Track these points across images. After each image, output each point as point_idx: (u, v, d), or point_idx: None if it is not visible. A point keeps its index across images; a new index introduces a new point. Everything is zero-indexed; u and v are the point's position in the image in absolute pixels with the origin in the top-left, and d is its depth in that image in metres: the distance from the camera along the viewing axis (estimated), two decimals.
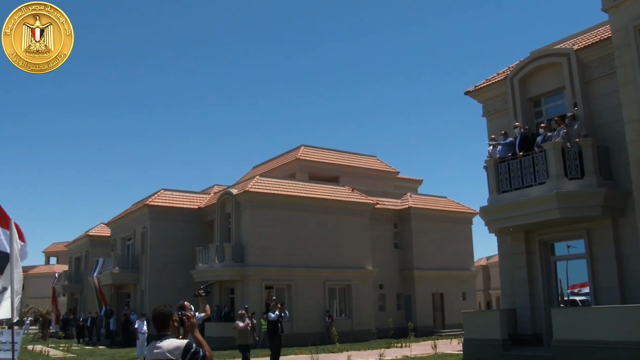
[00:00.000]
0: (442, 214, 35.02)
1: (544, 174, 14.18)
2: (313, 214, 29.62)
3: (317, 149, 36.51)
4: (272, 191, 28.97)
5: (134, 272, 32.65)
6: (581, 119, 14.62)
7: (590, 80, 14.80)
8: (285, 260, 28.44)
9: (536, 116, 16.46)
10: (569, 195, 13.67)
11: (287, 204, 29.00)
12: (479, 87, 17.78)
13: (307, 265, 29.02)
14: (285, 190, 29.56)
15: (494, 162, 15.49)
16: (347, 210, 30.76)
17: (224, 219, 29.99)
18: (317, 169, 34.79)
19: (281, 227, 28.59)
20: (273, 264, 28.14)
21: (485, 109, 17.78)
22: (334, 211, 30.28)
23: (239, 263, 27.88)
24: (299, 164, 34.44)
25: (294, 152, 36.12)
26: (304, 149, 35.82)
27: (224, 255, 27.93)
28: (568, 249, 15.49)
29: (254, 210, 28.32)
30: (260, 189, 28.78)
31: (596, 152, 13.98)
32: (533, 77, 16.20)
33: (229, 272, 27.79)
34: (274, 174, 33.53)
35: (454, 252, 34.92)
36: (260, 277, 27.84)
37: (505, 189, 15.09)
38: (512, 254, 16.22)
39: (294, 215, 29.06)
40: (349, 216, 30.76)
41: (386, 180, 37.68)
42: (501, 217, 15.14)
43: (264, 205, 28.46)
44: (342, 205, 30.68)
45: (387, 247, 33.65)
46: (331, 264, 29.72)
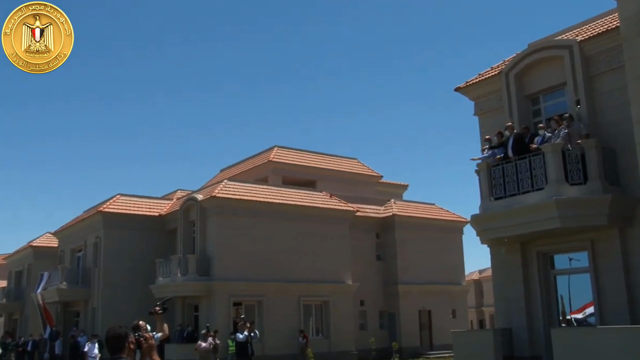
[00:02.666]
0: (430, 223, 35.15)
1: (543, 179, 14.10)
2: (287, 223, 29.63)
3: (291, 150, 36.61)
4: (241, 197, 28.95)
5: (85, 287, 32.26)
6: (584, 118, 14.56)
7: (594, 75, 14.73)
8: (256, 274, 28.36)
9: (534, 115, 16.38)
10: (570, 202, 13.59)
11: (258, 211, 28.97)
12: (471, 82, 17.70)
13: (280, 279, 28.96)
14: (256, 195, 29.55)
15: (486, 165, 15.41)
16: (324, 218, 30.81)
17: (188, 227, 29.93)
18: (291, 173, 34.86)
19: (251, 236, 28.55)
20: (242, 277, 28.03)
21: (478, 107, 17.71)
22: (310, 219, 30.33)
23: (204, 277, 27.78)
24: (271, 167, 34.47)
25: (266, 153, 36.16)
26: (278, 150, 35.89)
27: (188, 268, 27.82)
28: (570, 262, 15.41)
29: (222, 218, 28.25)
30: (228, 194, 28.73)
31: (601, 155, 13.90)
32: (531, 72, 16.13)
33: (193, 287, 27.70)
34: (244, 178, 33.49)
35: (443, 265, 35.01)
36: (227, 293, 27.74)
37: (499, 195, 15.01)
38: (507, 267, 16.12)
39: (266, 224, 29.04)
40: (326, 225, 30.80)
41: (368, 185, 37.80)
42: (494, 227, 15.08)
43: (233, 213, 28.40)
44: (320, 213, 30.74)
45: (369, 259, 33.65)
46: (307, 277, 29.70)
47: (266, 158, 35.10)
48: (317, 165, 36.24)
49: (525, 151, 14.77)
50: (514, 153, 14.98)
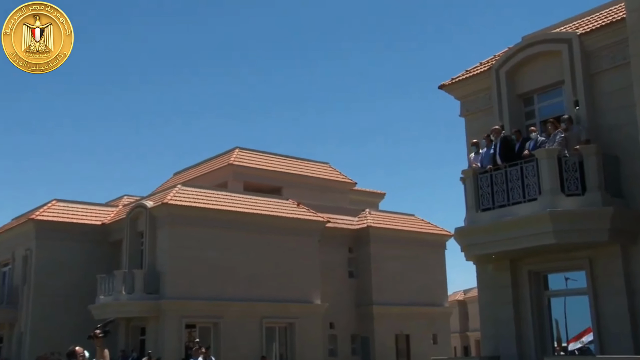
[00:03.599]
0: (409, 236, 35.36)
1: (536, 189, 14.09)
2: (249, 234, 29.62)
3: (255, 152, 36.76)
4: (197, 204, 28.91)
5: (11, 308, 31.88)
6: (583, 120, 14.59)
7: (596, 73, 14.76)
8: (213, 292, 28.25)
9: (527, 117, 16.40)
10: (566, 215, 13.57)
11: (216, 220, 28.92)
12: (457, 79, 17.73)
13: (240, 298, 28.86)
14: (214, 203, 29.53)
15: (472, 172, 15.42)
16: (291, 230, 30.85)
17: (135, 238, 29.85)
18: (254, 178, 34.89)
19: (208, 249, 28.45)
20: (196, 296, 27.88)
21: (464, 106, 17.73)
22: (275, 230, 30.36)
23: (152, 295, 27.65)
24: (232, 171, 34.51)
25: (226, 155, 36.17)
26: (239, 152, 35.97)
27: (134, 285, 27.64)
28: (566, 283, 15.40)
29: (174, 228, 28.19)
30: (182, 201, 28.65)
31: (602, 162, 13.88)
32: (524, 69, 16.13)
33: (140, 307, 27.49)
34: (201, 183, 33.48)
35: (424, 284, 35.17)
36: (179, 313, 27.57)
37: (487, 206, 15.00)
38: (495, 287, 16.09)
39: (225, 235, 28.99)
40: (293, 237, 30.84)
41: (340, 192, 38.00)
42: (481, 241, 15.06)
43: (187, 222, 28.31)
44: (286, 223, 30.78)
45: (340, 276, 33.67)
46: (270, 296, 29.64)
47: (226, 161, 35.06)
48: (284, 170, 36.35)
49: (514, 157, 14.79)
50: (502, 159, 14.98)
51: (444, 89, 18.01)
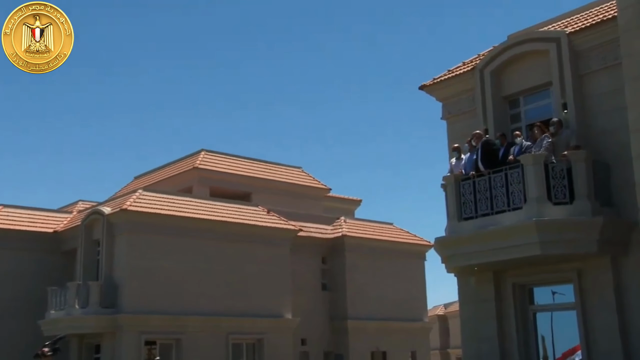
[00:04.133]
0: (387, 246, 35.39)
1: (521, 197, 14.17)
2: (215, 243, 29.47)
3: (222, 155, 36.62)
4: (159, 210, 28.72)
5: None
6: (572, 125, 14.69)
7: (585, 74, 14.90)
8: (175, 306, 28.03)
9: (512, 120, 16.53)
10: (553, 225, 13.65)
11: (179, 228, 28.78)
12: (438, 80, 17.85)
13: (205, 313, 28.66)
14: (177, 209, 29.39)
15: (454, 179, 15.49)
16: (260, 238, 30.78)
17: (91, 247, 29.56)
18: (221, 183, 34.76)
19: (171, 259, 28.28)
20: (157, 310, 27.63)
21: (446, 108, 17.84)
22: (243, 239, 30.25)
23: (109, 309, 27.31)
24: (197, 175, 34.30)
25: (191, 158, 35.98)
26: (205, 155, 35.80)
27: (88, 299, 27.24)
28: (553, 297, 15.48)
29: (134, 236, 27.96)
30: (143, 208, 28.41)
31: (591, 170, 14.00)
32: (510, 69, 16.26)
33: (95, 322, 27.14)
34: (164, 188, 33.31)
35: (402, 297, 35.24)
36: (138, 329, 27.25)
37: (469, 215, 15.09)
38: (478, 301, 16.17)
39: (189, 244, 28.83)
40: (263, 246, 30.75)
41: (314, 199, 38.03)
42: (463, 252, 15.12)
43: (148, 230, 28.12)
44: (255, 232, 30.69)
45: (313, 288, 33.62)
46: (237, 310, 29.48)
47: (191, 164, 34.84)
48: (253, 175, 36.22)
49: (498, 163, 14.88)
50: (484, 165, 15.07)
51: (424, 90, 18.09)
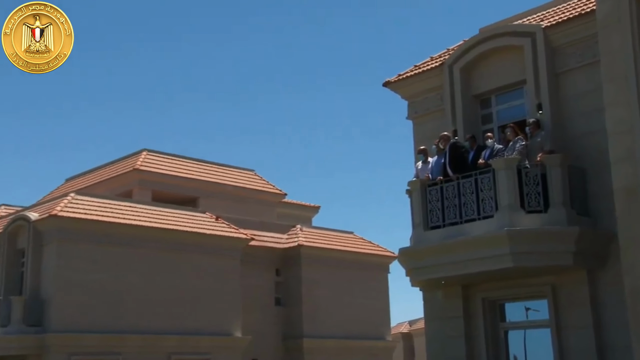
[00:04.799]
0: (347, 257, 35.62)
1: (492, 204, 14.24)
2: (157, 253, 29.40)
3: (166, 156, 36.63)
4: (94, 216, 28.52)
5: None
6: (547, 127, 14.79)
7: (562, 73, 15.00)
8: (110, 323, 27.82)
9: (484, 121, 16.62)
10: (526, 235, 13.74)
11: (117, 236, 28.65)
12: (404, 76, 17.83)
13: (144, 330, 28.53)
14: (115, 215, 29.20)
15: (420, 184, 15.49)
16: (208, 248, 30.75)
17: (14, 258, 29.33)
18: (165, 186, 34.71)
19: (106, 271, 28.08)
20: (90, 328, 27.37)
21: (412, 107, 17.89)
22: (188, 249, 30.23)
23: (34, 327, 27.01)
24: (138, 178, 34.19)
25: (131, 159, 35.82)
26: (147, 155, 35.70)
27: (10, 316, 26.93)
28: (526, 313, 15.55)
29: (65, 245, 27.70)
30: (75, 213, 28.11)
31: (567, 175, 14.09)
32: (481, 66, 16.34)
33: (18, 343, 26.73)
34: (100, 192, 33.08)
35: (363, 314, 35.38)
36: (68, 350, 26.98)
37: (436, 223, 15.11)
38: (445, 317, 16.19)
39: (128, 254, 28.71)
40: (210, 256, 30.70)
41: (267, 205, 38.20)
42: (429, 264, 15.11)
43: (81, 238, 27.94)
44: (201, 241, 30.65)
45: (265, 303, 33.64)
46: (180, 327, 29.39)
47: (131, 165, 34.66)
48: (200, 178, 36.21)
49: (468, 167, 14.95)
50: (452, 170, 15.13)
51: (388, 87, 18.08)
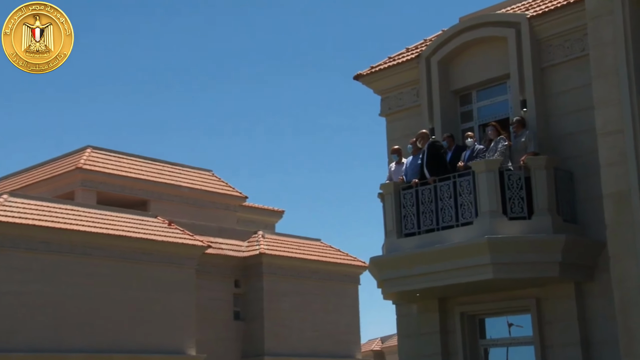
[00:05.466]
0: (313, 267, 35.66)
1: (472, 210, 14.33)
2: (101, 262, 29.07)
3: (113, 154, 36.25)
4: (30, 221, 27.99)
5: None
6: (532, 126, 14.86)
7: (548, 67, 15.11)
8: (47, 341, 27.36)
9: (463, 119, 16.73)
10: (508, 243, 13.83)
11: (56, 243, 28.23)
12: (377, 69, 17.91)
13: (86, 349, 28.16)
14: (54, 220, 28.78)
15: (394, 187, 15.53)
16: (159, 257, 30.57)
17: None
18: (111, 187, 34.47)
19: (40, 282, 27.59)
20: (24, 347, 26.87)
21: (386, 103, 17.97)
22: (137, 257, 29.99)
23: None
24: (80, 178, 33.77)
25: (73, 157, 35.43)
26: (92, 153, 35.29)
27: None
28: (508, 329, 15.64)
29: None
30: (8, 217, 27.68)
31: (553, 179, 14.19)
32: (461, 58, 16.45)
33: None
34: (38, 193, 32.67)
35: (331, 329, 35.48)
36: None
37: (411, 230, 15.18)
38: (420, 334, 16.27)
39: (67, 264, 28.29)
40: (162, 266, 30.56)
41: (226, 209, 38.10)
42: (402, 275, 15.13)
43: (14, 245, 27.48)
44: (152, 248, 30.42)
45: (223, 318, 33.55)
46: (127, 346, 29.11)
47: (73, 164, 34.17)
48: (151, 178, 35.91)
49: (446, 169, 15.04)
50: (429, 172, 15.18)
51: (360, 81, 18.12)
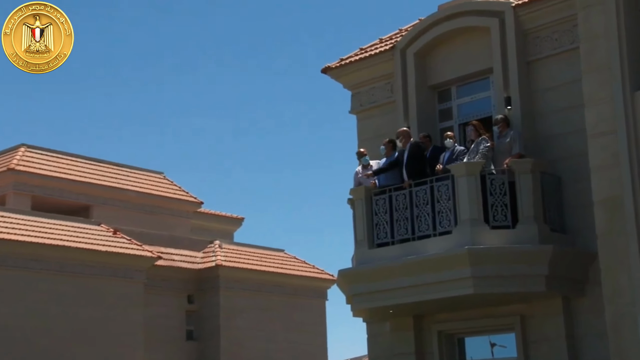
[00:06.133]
0: (276, 281, 35.65)
1: (450, 218, 14.40)
2: (37, 275, 28.89)
3: (50, 154, 35.99)
4: None
5: None
6: (517, 126, 14.93)
7: (536, 61, 15.20)
8: None
9: (442, 117, 16.83)
10: (490, 255, 13.88)
11: None
12: (347, 61, 17.94)
13: None
14: None
15: (365, 192, 15.53)
16: (102, 269, 30.45)
17: None
18: (48, 191, 34.25)
19: None
20: None
21: (356, 99, 18.05)
22: (77, 270, 29.86)
23: None
24: (14, 180, 33.60)
25: (5, 157, 35.28)
26: (26, 152, 35.09)
27: None
28: (491, 350, 15.73)
29: None
30: None
31: (539, 184, 14.27)
32: (440, 51, 16.57)
33: None
34: None
35: (295, 349, 35.43)
36: None
37: (384, 240, 15.22)
38: (393, 355, 16.31)
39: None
40: (105, 279, 30.45)
41: (179, 216, 38.02)
42: (374, 290, 15.15)
43: None
44: (95, 259, 30.30)
45: (174, 337, 33.42)
46: None
47: (5, 165, 33.92)
48: (94, 181, 35.65)
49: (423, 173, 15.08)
50: (409, 175, 15.18)
51: (329, 74, 18.16)
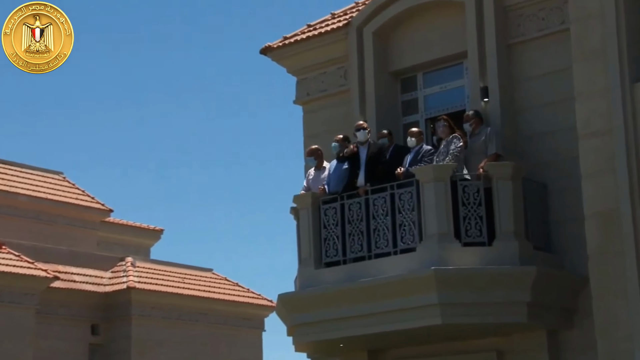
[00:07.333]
0: (202, 307, 36.15)
1: (414, 232, 14.47)
2: None
3: None
4: None
5: None
6: (495, 122, 15.07)
7: (516, 44, 15.37)
8: None
9: (406, 110, 16.98)
10: (462, 277, 13.97)
11: None
12: (291, 40, 18.08)
13: None
14: None
15: (311, 199, 15.57)
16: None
17: None
18: None
19: None
20: None
21: (303, 87, 18.22)
22: None
23: None
24: None
25: None
26: None
27: None
28: None
29: None
30: None
31: (521, 193, 14.36)
32: (404, 30, 16.72)
33: None
34: None
35: None
36: None
37: (334, 258, 15.29)
38: None
39: None
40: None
41: (82, 227, 38.20)
42: (321, 319, 15.25)
43: None
44: None
45: None
46: None
47: None
48: None
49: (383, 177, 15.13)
50: (367, 179, 15.26)
51: (269, 55, 18.25)
